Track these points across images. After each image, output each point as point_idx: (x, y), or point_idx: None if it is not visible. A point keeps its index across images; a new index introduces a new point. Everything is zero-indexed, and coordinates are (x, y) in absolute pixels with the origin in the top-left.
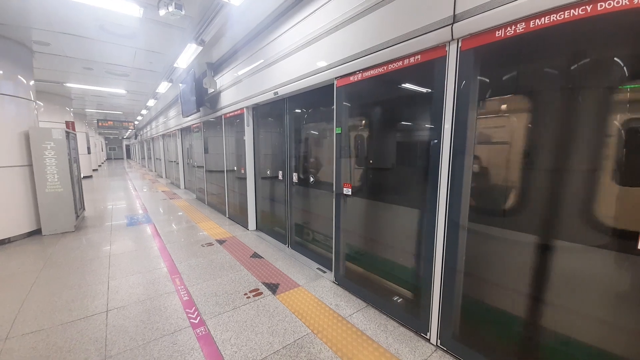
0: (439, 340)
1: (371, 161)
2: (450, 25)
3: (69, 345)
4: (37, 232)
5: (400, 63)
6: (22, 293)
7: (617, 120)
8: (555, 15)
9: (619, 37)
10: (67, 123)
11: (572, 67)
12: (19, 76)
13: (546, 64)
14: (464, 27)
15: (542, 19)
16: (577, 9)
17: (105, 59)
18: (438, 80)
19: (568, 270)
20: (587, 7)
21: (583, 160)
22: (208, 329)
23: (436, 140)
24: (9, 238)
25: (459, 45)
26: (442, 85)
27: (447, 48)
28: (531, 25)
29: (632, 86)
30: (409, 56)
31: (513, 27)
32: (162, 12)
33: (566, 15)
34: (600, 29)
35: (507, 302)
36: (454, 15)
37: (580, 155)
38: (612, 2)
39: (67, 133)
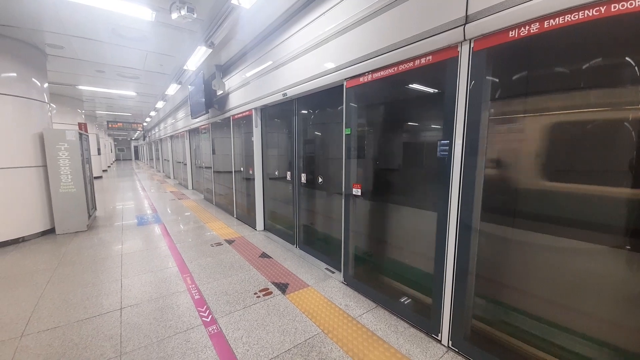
0: (450, 342)
1: (381, 162)
2: (463, 26)
3: (85, 342)
4: (50, 232)
5: (411, 64)
6: (37, 291)
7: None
8: (569, 15)
9: (634, 39)
10: (79, 124)
11: (585, 68)
12: (34, 79)
13: (561, 64)
14: (476, 28)
15: (557, 19)
16: (591, 10)
17: (117, 61)
18: (450, 81)
19: (582, 271)
20: (601, 8)
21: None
22: (220, 328)
23: (448, 141)
24: (23, 237)
25: (471, 45)
26: (454, 85)
27: (459, 49)
28: (545, 26)
29: None
30: (420, 57)
31: (527, 28)
32: (174, 15)
33: (580, 16)
34: (614, 31)
35: (521, 303)
36: (466, 16)
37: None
38: (625, 4)
39: (80, 134)
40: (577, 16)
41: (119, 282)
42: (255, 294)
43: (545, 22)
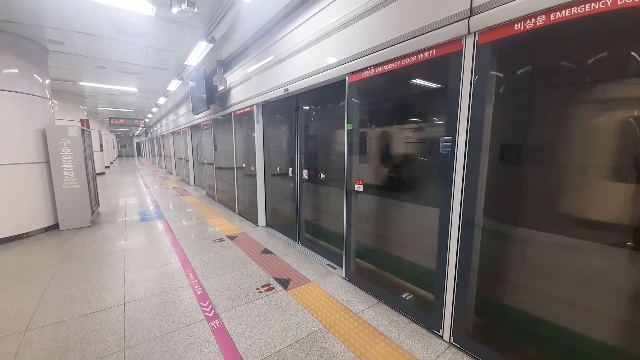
0: (452, 338)
1: (383, 158)
2: (467, 19)
3: (89, 336)
4: (54, 227)
5: (414, 58)
6: (41, 286)
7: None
8: (575, 8)
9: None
10: (81, 121)
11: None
12: (35, 75)
13: (568, 57)
14: (481, 21)
15: (563, 11)
16: (597, 3)
17: (118, 57)
18: (453, 75)
19: (585, 268)
20: (607, 0)
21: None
22: (222, 322)
23: (451, 137)
24: (27, 233)
25: (476, 39)
26: (458, 80)
27: (463, 42)
28: (552, 18)
29: None
30: (423, 51)
31: (533, 20)
32: (174, 10)
33: (587, 8)
34: (621, 23)
35: (523, 300)
36: (471, 9)
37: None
38: None
39: (82, 130)
40: (583, 9)
41: (122, 277)
42: (257, 289)
43: (552, 14)
